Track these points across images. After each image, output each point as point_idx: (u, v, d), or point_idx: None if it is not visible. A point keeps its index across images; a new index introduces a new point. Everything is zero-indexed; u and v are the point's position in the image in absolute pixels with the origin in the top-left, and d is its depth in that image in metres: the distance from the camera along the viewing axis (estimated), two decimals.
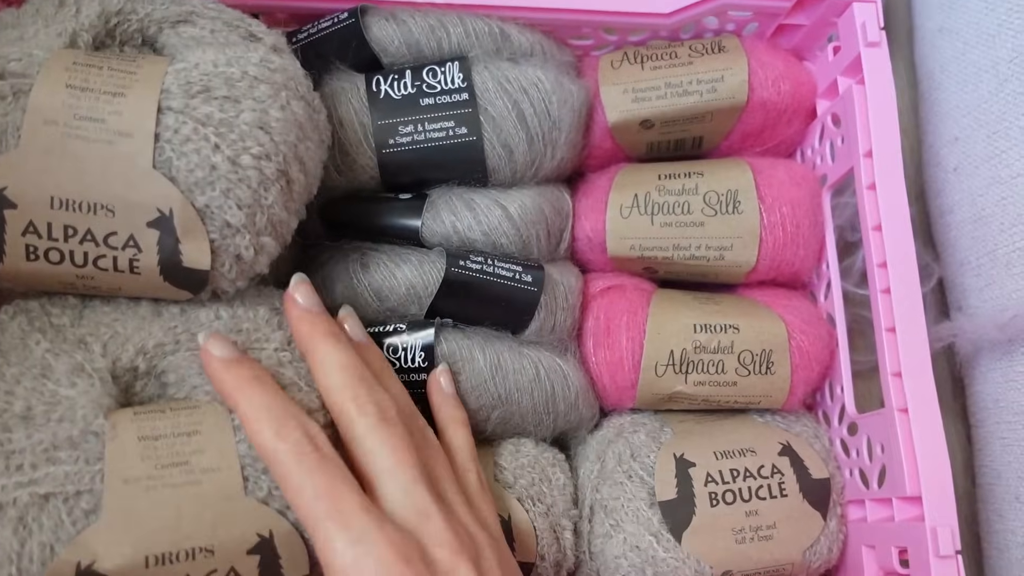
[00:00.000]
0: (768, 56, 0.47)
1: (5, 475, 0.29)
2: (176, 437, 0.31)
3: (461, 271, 0.43)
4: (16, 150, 0.32)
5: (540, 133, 0.44)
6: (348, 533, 0.30)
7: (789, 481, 0.44)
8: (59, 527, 0.29)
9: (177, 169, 0.33)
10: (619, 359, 0.45)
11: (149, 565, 0.29)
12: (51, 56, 0.33)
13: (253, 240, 0.35)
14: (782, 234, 0.46)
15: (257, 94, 0.34)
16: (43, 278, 0.34)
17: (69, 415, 0.31)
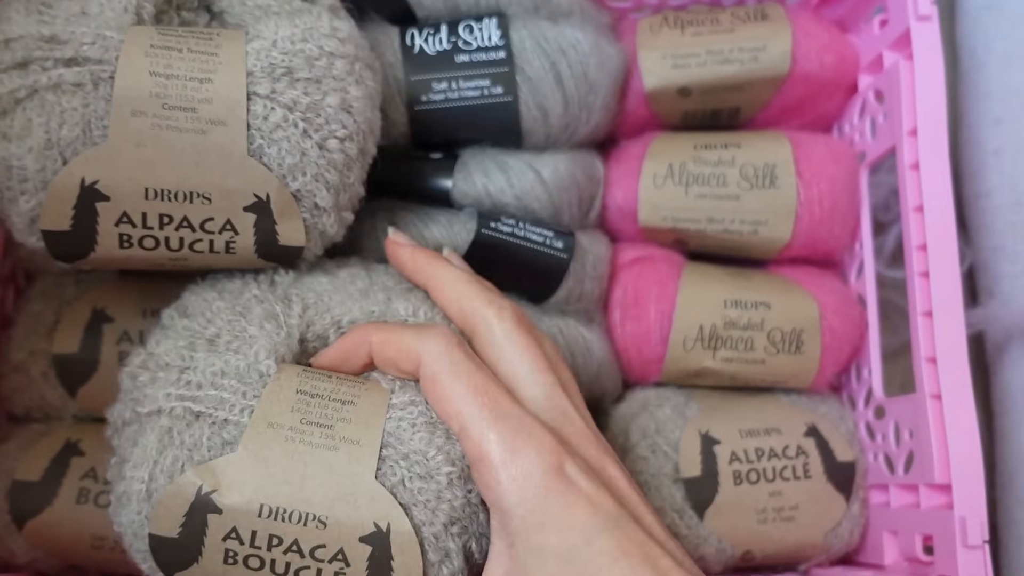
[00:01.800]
0: (813, 26, 0.46)
1: (174, 385, 0.31)
2: (331, 401, 0.31)
3: (492, 233, 0.42)
4: (105, 143, 0.31)
5: (576, 96, 0.43)
6: (505, 425, 0.29)
7: (814, 463, 0.43)
8: (197, 447, 0.30)
9: (270, 156, 0.32)
10: (646, 332, 0.44)
11: (262, 515, 0.29)
12: (127, 37, 0.32)
13: (338, 217, 0.35)
14: (819, 211, 0.45)
15: (336, 72, 0.34)
16: (134, 262, 0.34)
17: (245, 349, 0.32)
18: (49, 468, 0.39)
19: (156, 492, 0.29)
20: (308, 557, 0.29)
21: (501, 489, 0.29)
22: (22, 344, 0.41)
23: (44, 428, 0.41)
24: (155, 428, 0.30)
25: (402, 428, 0.31)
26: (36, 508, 0.38)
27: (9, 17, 0.33)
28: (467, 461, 0.30)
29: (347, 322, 0.35)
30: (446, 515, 0.30)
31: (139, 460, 0.30)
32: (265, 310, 0.34)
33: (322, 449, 0.30)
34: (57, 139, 0.32)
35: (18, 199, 0.32)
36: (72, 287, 0.42)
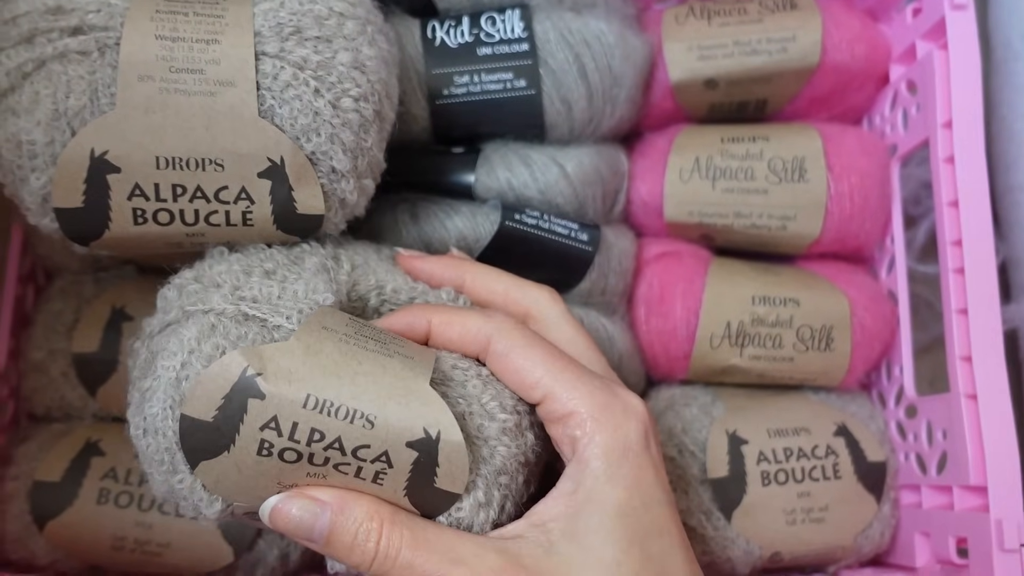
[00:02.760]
0: (844, 16, 0.45)
1: (228, 297, 0.30)
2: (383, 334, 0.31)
3: (516, 224, 0.41)
4: (113, 111, 0.30)
5: (601, 89, 0.42)
6: (591, 385, 0.30)
7: (844, 463, 0.42)
8: (242, 339, 0.29)
9: (281, 117, 0.31)
10: (672, 328, 0.43)
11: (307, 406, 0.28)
12: (131, 4, 0.31)
13: (357, 184, 0.34)
14: (849, 206, 0.44)
15: (347, 31, 0.33)
16: (150, 240, 0.33)
17: (298, 280, 0.32)
18: (70, 468, 0.39)
19: (190, 378, 0.28)
20: (350, 455, 0.28)
21: (589, 439, 0.29)
22: (41, 343, 0.41)
23: (64, 428, 0.41)
24: (199, 321, 0.29)
25: (457, 373, 0.31)
26: (57, 509, 0.38)
27: None
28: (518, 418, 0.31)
29: (389, 289, 0.35)
30: (500, 461, 0.30)
31: (175, 349, 0.29)
32: (318, 262, 0.33)
33: (377, 354, 0.29)
34: (64, 109, 0.31)
35: (29, 177, 0.32)
36: (91, 285, 0.42)
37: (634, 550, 0.29)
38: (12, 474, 0.39)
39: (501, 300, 0.35)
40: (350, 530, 0.28)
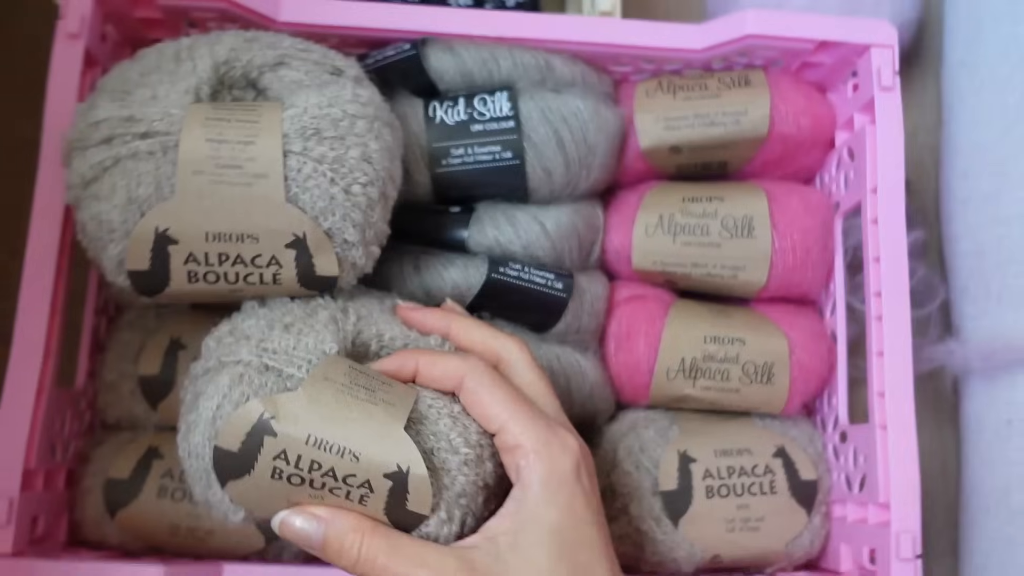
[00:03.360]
0: (791, 91, 0.52)
1: (254, 349, 0.38)
2: (374, 379, 0.38)
3: (501, 277, 0.49)
4: (173, 197, 0.39)
5: (577, 158, 0.50)
6: (536, 424, 0.37)
7: (780, 480, 0.49)
8: (263, 387, 0.37)
9: (304, 202, 0.39)
10: (636, 362, 0.51)
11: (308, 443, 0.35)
12: (187, 113, 0.39)
13: (365, 250, 0.42)
14: (792, 258, 0.50)
15: (357, 130, 0.41)
16: (200, 294, 0.42)
17: (314, 334, 0.39)
18: (136, 468, 0.48)
19: (222, 418, 0.36)
20: (340, 482, 0.36)
21: (530, 468, 0.37)
22: (113, 367, 0.50)
23: (131, 435, 0.50)
24: (231, 372, 0.37)
25: (432, 412, 0.38)
26: (125, 501, 0.47)
27: (97, 104, 0.41)
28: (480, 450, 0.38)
29: (387, 337, 0.42)
30: (460, 486, 0.37)
31: (212, 393, 0.37)
32: (330, 314, 0.41)
33: (365, 402, 0.37)
34: (135, 196, 0.39)
35: (108, 246, 0.41)
36: (153, 319, 0.51)
37: (564, 560, 0.36)
38: (90, 471, 0.48)
39: (479, 347, 0.41)
40: (338, 540, 0.36)
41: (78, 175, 0.40)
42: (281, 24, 0.49)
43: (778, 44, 0.50)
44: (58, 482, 0.48)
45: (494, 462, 0.39)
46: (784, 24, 0.49)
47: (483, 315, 0.50)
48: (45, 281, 0.45)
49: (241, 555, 0.48)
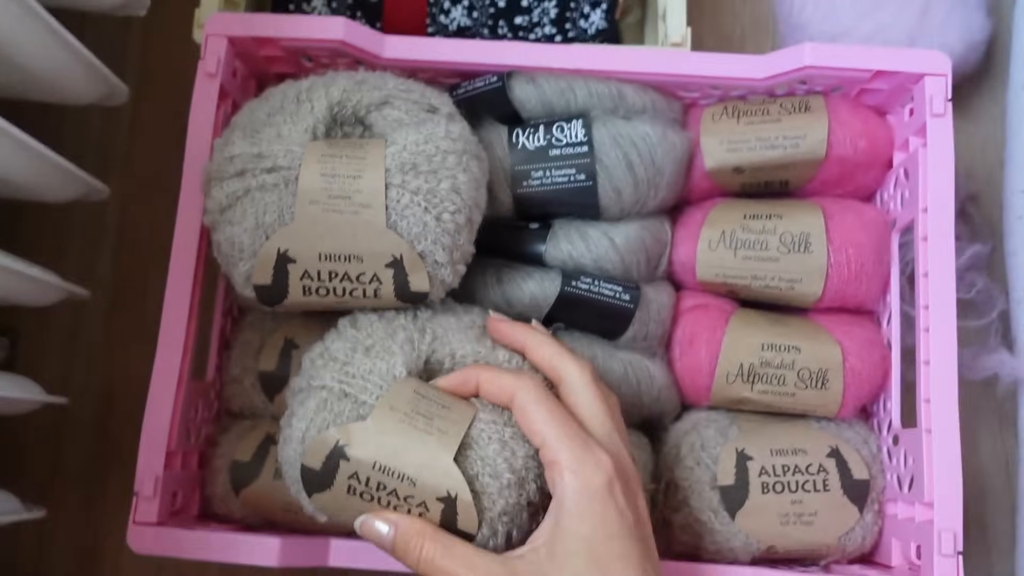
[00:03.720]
0: (848, 116, 0.55)
1: (337, 372, 0.44)
2: (435, 403, 0.43)
3: (573, 289, 0.54)
4: (292, 223, 0.45)
5: (645, 178, 0.54)
6: (573, 442, 0.41)
7: (832, 479, 0.53)
8: (340, 415, 0.43)
9: (401, 228, 0.45)
10: (698, 366, 0.55)
11: (374, 468, 0.42)
12: (306, 150, 0.46)
13: (452, 269, 0.48)
14: (847, 272, 0.54)
15: (448, 164, 0.47)
16: (313, 305, 0.48)
17: (388, 359, 0.45)
18: (256, 452, 0.55)
19: (308, 439, 0.43)
20: (402, 501, 0.43)
21: (564, 484, 0.41)
22: (237, 362, 0.58)
23: (251, 424, 0.57)
24: (317, 396, 0.44)
25: (482, 437, 0.43)
26: (247, 480, 0.55)
27: (232, 141, 0.48)
28: (524, 473, 0.43)
29: (459, 355, 0.47)
30: (501, 507, 0.42)
31: (302, 415, 0.44)
32: (407, 335, 0.47)
33: (422, 432, 0.43)
34: (262, 222, 0.46)
35: (238, 264, 0.48)
36: (271, 321, 0.58)
37: (597, 570, 0.40)
38: (218, 453, 0.56)
39: (545, 365, 0.46)
40: (405, 541, 0.42)
41: (215, 202, 0.48)
42: (385, 60, 0.55)
43: (835, 74, 0.54)
44: (192, 463, 0.56)
45: (539, 483, 0.44)
46: (840, 56, 0.53)
47: (557, 325, 0.55)
48: (185, 288, 0.52)
49: (346, 531, 0.55)
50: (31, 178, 0.53)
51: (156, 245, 0.71)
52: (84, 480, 0.68)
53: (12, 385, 0.53)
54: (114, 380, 0.70)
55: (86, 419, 0.69)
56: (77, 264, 0.71)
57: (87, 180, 0.56)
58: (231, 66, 0.56)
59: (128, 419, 0.69)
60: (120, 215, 0.72)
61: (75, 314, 0.70)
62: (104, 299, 0.71)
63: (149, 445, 0.51)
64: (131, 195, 0.72)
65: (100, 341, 0.70)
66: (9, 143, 0.49)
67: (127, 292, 0.71)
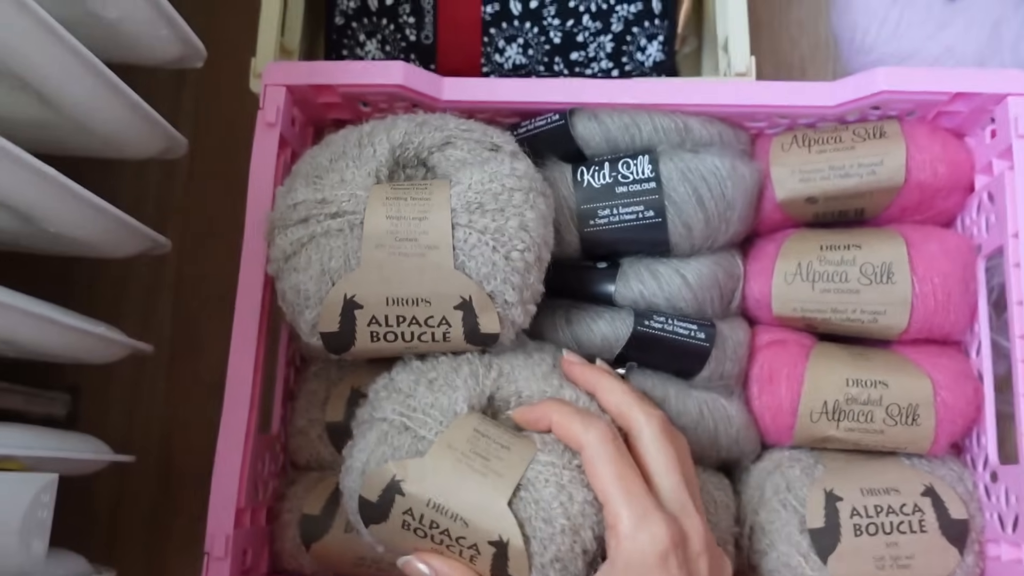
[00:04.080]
0: (927, 140, 0.53)
1: (400, 405, 0.44)
2: (494, 443, 0.43)
3: (646, 329, 0.52)
4: (359, 268, 0.45)
5: (716, 213, 0.53)
6: (633, 509, 0.40)
7: (929, 519, 0.50)
8: (399, 449, 0.43)
9: (470, 268, 0.44)
10: (779, 404, 0.53)
11: (428, 505, 0.41)
12: (370, 194, 0.45)
13: (523, 309, 0.46)
14: (933, 302, 0.52)
15: (515, 202, 0.45)
16: (381, 351, 0.47)
17: (450, 393, 0.44)
18: (326, 506, 0.54)
19: (368, 472, 0.42)
20: (454, 541, 0.42)
21: (618, 551, 0.40)
22: (303, 414, 0.57)
23: (320, 476, 0.56)
24: (378, 429, 0.44)
25: (539, 479, 0.42)
26: (318, 535, 0.53)
27: (295, 188, 0.48)
28: (580, 520, 0.41)
29: (525, 395, 0.46)
30: (552, 553, 0.41)
31: (363, 447, 0.44)
32: (471, 369, 0.46)
33: (477, 474, 0.42)
34: (328, 268, 0.45)
35: (304, 312, 0.47)
36: (336, 371, 0.57)
37: None
38: (286, 508, 0.55)
39: (614, 412, 0.45)
40: None
41: (280, 250, 0.47)
42: (444, 103, 0.54)
43: (912, 98, 0.52)
44: (260, 518, 0.54)
45: (598, 530, 0.42)
46: (917, 79, 0.51)
47: (631, 365, 0.54)
48: (250, 340, 0.51)
49: None
50: (96, 236, 0.52)
51: (214, 296, 0.71)
52: (147, 537, 0.67)
53: (81, 445, 0.52)
54: (174, 435, 0.69)
55: (148, 475, 0.68)
56: (135, 317, 0.71)
57: (151, 235, 0.56)
58: (290, 115, 0.56)
59: (190, 473, 0.68)
60: (177, 267, 0.72)
61: (136, 368, 0.70)
62: (164, 351, 0.70)
63: (219, 503, 0.50)
64: (187, 247, 0.72)
65: (161, 394, 0.70)
66: (75, 203, 0.48)
67: (186, 344, 0.71)
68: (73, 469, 0.52)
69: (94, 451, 0.52)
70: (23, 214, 0.47)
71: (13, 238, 0.53)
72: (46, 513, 0.45)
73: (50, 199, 0.47)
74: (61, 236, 0.51)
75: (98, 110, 0.51)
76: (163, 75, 0.72)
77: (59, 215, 0.49)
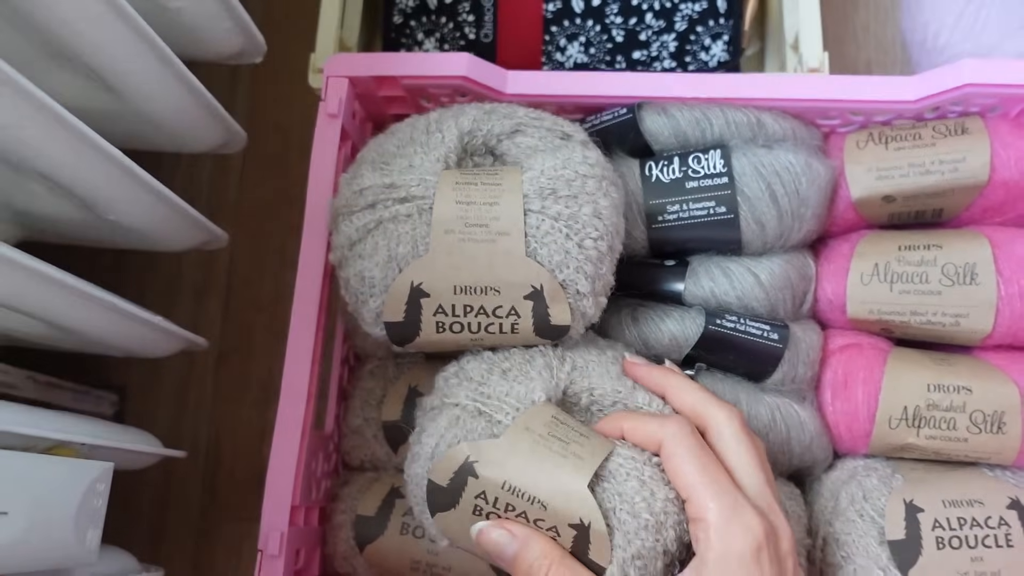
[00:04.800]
0: (1012, 136, 0.51)
1: (473, 392, 0.42)
2: (572, 430, 0.41)
3: (718, 328, 0.50)
4: (427, 255, 0.43)
5: (790, 210, 0.51)
6: (722, 500, 0.38)
7: (1016, 533, 0.48)
8: (472, 432, 0.41)
9: (542, 256, 0.43)
10: (855, 410, 0.51)
11: (504, 488, 0.39)
12: (439, 179, 0.44)
13: (594, 300, 0.45)
14: (1020, 305, 0.49)
15: (588, 188, 0.44)
16: (446, 343, 0.46)
17: (526, 382, 0.43)
18: (381, 507, 0.52)
19: (438, 455, 0.41)
20: (530, 523, 0.40)
21: (708, 543, 0.38)
22: (358, 413, 0.55)
23: (375, 476, 0.54)
24: (449, 413, 0.42)
25: (621, 471, 0.40)
26: (372, 536, 0.52)
27: (361, 174, 0.46)
28: (663, 517, 0.39)
29: (598, 393, 0.44)
30: (636, 549, 0.39)
31: (432, 431, 0.42)
32: (546, 361, 0.45)
33: (556, 455, 0.40)
34: (395, 254, 0.44)
35: (368, 300, 0.45)
36: (393, 368, 0.56)
37: None
38: (340, 509, 0.53)
39: (689, 411, 0.43)
40: (528, 560, 0.39)
41: (345, 237, 0.46)
42: (508, 96, 0.53)
43: (998, 91, 0.50)
44: (313, 519, 0.53)
45: (679, 530, 0.40)
46: (1006, 71, 0.49)
47: (700, 366, 0.52)
48: (308, 335, 0.50)
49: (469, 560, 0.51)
50: (153, 225, 0.52)
51: (264, 298, 0.70)
52: (194, 539, 0.66)
53: (135, 437, 0.51)
54: (221, 435, 0.68)
55: (195, 477, 0.67)
56: (185, 318, 0.70)
57: (208, 226, 0.55)
58: (351, 107, 0.55)
59: (237, 476, 0.67)
60: (228, 265, 0.71)
61: (183, 369, 0.69)
62: (212, 352, 0.69)
63: (273, 499, 0.48)
64: (238, 248, 0.71)
65: (208, 395, 0.69)
66: (138, 189, 0.48)
67: (234, 346, 0.70)
68: (125, 462, 0.51)
69: (147, 444, 0.51)
70: (86, 200, 0.47)
71: (70, 228, 0.53)
72: (101, 502, 0.43)
73: (114, 184, 0.46)
74: (119, 224, 0.50)
75: (162, 98, 0.50)
76: (221, 70, 0.72)
77: (121, 201, 0.48)
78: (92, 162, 0.44)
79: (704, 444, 0.40)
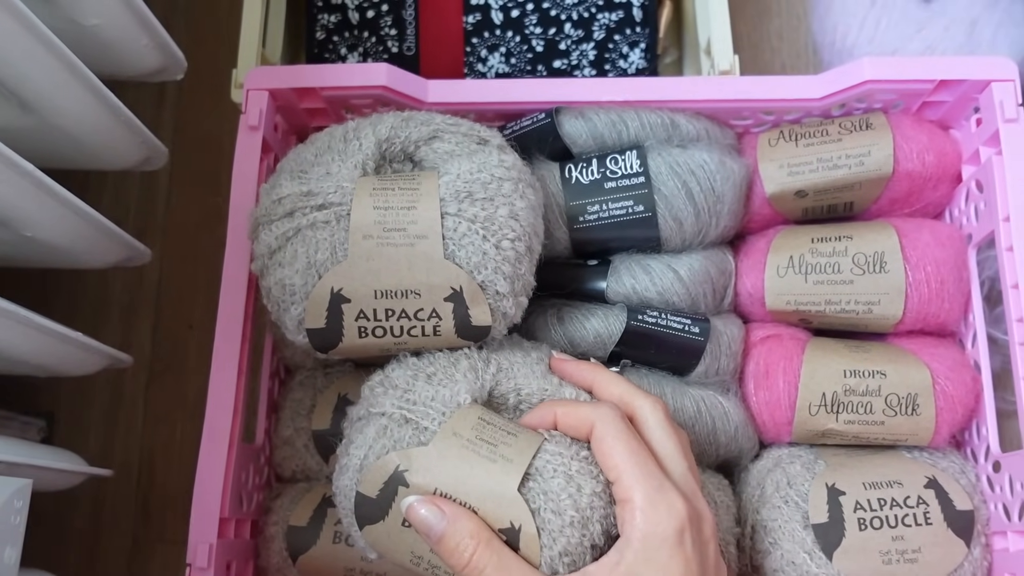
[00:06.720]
0: (913, 130, 0.53)
1: (398, 399, 0.42)
2: (500, 430, 0.41)
3: (640, 323, 0.51)
4: (346, 260, 0.43)
5: (706, 207, 0.52)
6: (649, 483, 0.39)
7: (934, 511, 0.49)
8: (400, 441, 0.41)
9: (460, 258, 0.43)
10: (776, 399, 0.52)
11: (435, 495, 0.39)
12: (356, 185, 0.44)
13: (514, 301, 0.45)
14: (927, 291, 0.51)
15: (504, 191, 0.45)
16: (369, 348, 0.46)
17: (451, 386, 0.43)
18: (313, 517, 0.52)
19: (366, 467, 0.40)
20: None
21: (634, 524, 0.38)
22: (288, 423, 0.55)
23: (307, 486, 0.54)
24: (376, 423, 0.42)
25: (547, 469, 0.40)
26: (305, 547, 0.51)
27: (280, 183, 0.46)
28: (589, 512, 0.39)
29: (525, 392, 0.45)
30: (562, 546, 0.39)
31: (360, 443, 0.42)
32: (470, 364, 0.45)
33: (485, 460, 0.40)
34: (314, 261, 0.44)
35: (290, 308, 0.45)
36: (322, 378, 0.56)
37: None
38: (272, 520, 0.53)
39: (617, 401, 0.43)
40: (455, 538, 0.38)
41: (264, 246, 0.46)
42: (429, 104, 0.54)
43: (897, 87, 0.52)
44: (245, 531, 0.52)
45: (606, 524, 0.40)
46: (902, 68, 0.51)
47: (625, 362, 0.53)
48: (233, 346, 0.50)
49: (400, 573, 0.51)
50: (74, 241, 0.51)
51: (196, 313, 0.69)
52: (127, 560, 0.65)
53: (56, 457, 0.50)
54: (155, 455, 0.67)
55: (127, 499, 0.66)
56: (113, 339, 0.69)
57: (129, 242, 0.54)
58: (272, 120, 0.55)
59: (171, 497, 0.66)
60: (158, 283, 0.70)
61: (113, 393, 0.68)
62: (143, 371, 0.68)
63: (201, 511, 0.48)
64: (166, 266, 0.70)
65: (140, 416, 0.68)
66: (54, 204, 0.47)
67: (167, 362, 0.69)
68: (48, 482, 0.50)
69: (70, 463, 0.50)
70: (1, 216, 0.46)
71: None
72: (19, 520, 0.42)
73: (29, 200, 0.46)
74: (36, 240, 0.49)
75: (78, 115, 0.50)
76: (143, 93, 0.72)
77: (38, 218, 0.47)
78: (5, 177, 0.44)
79: (633, 429, 0.41)
